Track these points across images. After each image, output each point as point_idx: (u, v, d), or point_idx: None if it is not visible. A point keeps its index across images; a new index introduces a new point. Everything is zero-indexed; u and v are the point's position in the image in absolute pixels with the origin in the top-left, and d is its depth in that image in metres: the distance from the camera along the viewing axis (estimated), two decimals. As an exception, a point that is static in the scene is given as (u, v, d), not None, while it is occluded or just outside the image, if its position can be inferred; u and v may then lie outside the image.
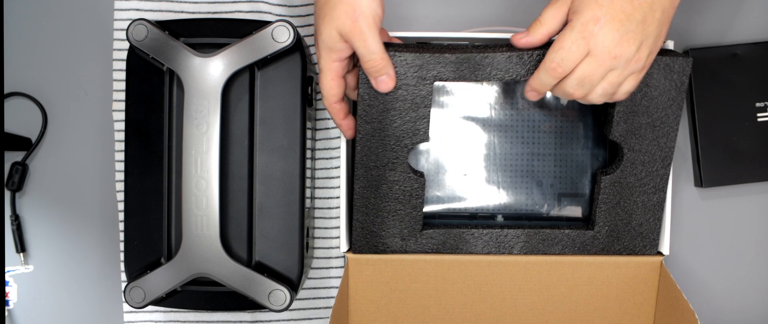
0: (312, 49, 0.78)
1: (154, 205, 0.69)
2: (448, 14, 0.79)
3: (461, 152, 0.74)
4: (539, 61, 0.64)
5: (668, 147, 0.69)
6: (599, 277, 0.71)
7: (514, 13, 0.79)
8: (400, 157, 0.69)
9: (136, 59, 0.69)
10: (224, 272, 0.67)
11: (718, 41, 0.78)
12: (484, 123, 0.74)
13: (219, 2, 0.78)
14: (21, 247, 0.78)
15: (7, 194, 0.78)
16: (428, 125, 0.68)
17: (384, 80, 0.64)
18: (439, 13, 0.79)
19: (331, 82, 0.64)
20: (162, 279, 0.67)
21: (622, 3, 0.58)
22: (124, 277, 0.77)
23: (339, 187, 0.76)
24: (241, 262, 0.68)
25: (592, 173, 0.75)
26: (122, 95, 0.78)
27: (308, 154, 0.72)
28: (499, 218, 0.75)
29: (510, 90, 0.74)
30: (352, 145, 0.72)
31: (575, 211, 0.75)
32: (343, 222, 0.71)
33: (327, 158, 0.78)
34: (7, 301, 0.78)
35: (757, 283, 0.79)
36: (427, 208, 0.75)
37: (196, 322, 0.78)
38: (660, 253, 0.71)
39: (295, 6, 0.78)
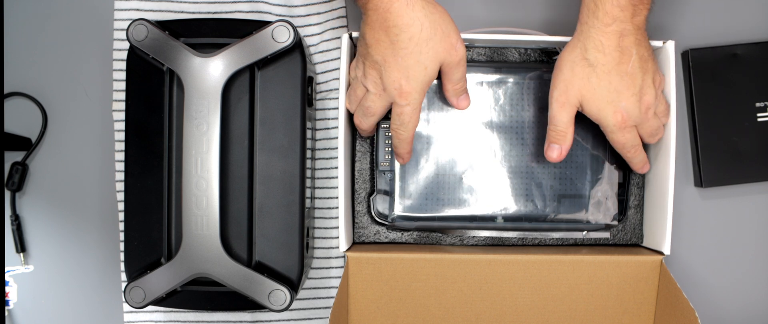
0: (312, 49, 0.78)
1: (154, 205, 0.69)
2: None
3: (461, 153, 0.74)
4: None
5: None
6: (599, 277, 0.71)
7: (514, 13, 0.79)
8: None
9: (136, 59, 0.69)
10: (224, 272, 0.67)
11: (718, 41, 0.78)
12: (484, 124, 0.74)
13: (219, 2, 0.78)
14: (21, 247, 0.78)
15: (7, 194, 0.78)
16: None
17: (464, 99, 0.71)
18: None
19: (417, 113, 0.67)
20: (162, 279, 0.67)
21: (615, 78, 0.65)
22: (124, 277, 0.77)
23: (339, 187, 0.75)
24: (241, 262, 0.68)
25: (592, 178, 0.74)
26: (122, 95, 0.78)
27: (308, 154, 0.72)
28: (499, 220, 0.75)
29: (510, 90, 0.74)
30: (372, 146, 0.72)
31: (575, 212, 0.75)
32: (342, 222, 0.71)
33: (327, 158, 0.78)
34: (7, 301, 0.78)
35: (757, 282, 0.79)
36: (427, 212, 0.75)
37: (196, 322, 0.78)
38: (660, 253, 0.71)
39: (295, 6, 0.78)
